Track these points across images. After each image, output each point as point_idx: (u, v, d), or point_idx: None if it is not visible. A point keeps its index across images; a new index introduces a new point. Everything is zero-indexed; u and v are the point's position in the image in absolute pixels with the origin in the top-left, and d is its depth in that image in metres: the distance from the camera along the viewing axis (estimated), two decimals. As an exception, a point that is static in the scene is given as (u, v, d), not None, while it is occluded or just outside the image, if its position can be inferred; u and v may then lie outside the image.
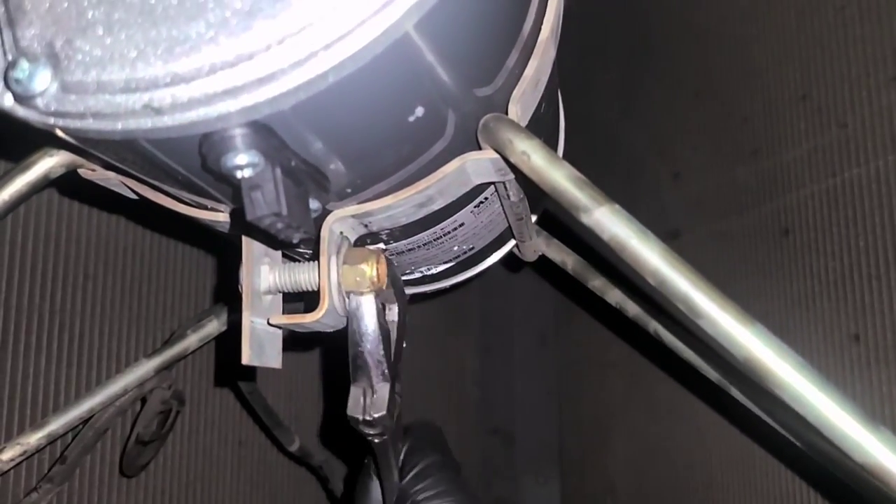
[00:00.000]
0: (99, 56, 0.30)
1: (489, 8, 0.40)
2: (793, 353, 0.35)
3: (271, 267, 0.49)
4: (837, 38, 1.09)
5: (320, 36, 0.30)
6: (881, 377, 0.99)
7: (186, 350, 0.77)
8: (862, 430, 0.33)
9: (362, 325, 0.49)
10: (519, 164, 0.41)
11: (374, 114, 0.37)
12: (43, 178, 0.47)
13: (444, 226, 0.58)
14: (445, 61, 0.38)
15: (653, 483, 1.47)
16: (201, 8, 0.29)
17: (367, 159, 0.42)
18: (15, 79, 0.30)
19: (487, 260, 0.75)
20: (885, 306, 0.98)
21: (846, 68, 1.08)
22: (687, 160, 1.44)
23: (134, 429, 0.97)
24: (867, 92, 1.04)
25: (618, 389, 1.59)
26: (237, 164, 0.33)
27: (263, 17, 0.29)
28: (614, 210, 0.38)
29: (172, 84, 0.30)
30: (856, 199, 1.04)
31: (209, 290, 1.23)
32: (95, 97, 0.30)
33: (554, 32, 0.48)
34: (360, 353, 0.50)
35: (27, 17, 0.30)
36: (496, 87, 0.45)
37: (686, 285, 0.36)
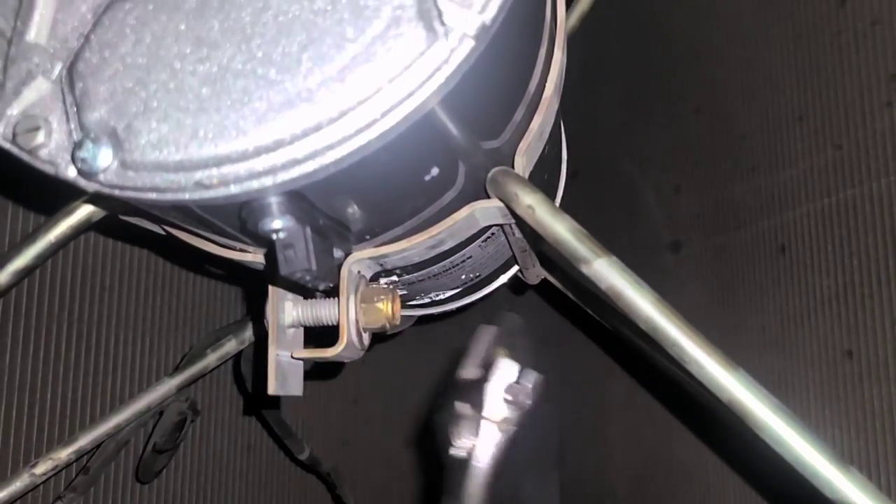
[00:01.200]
0: (156, 140, 0.34)
1: (500, 73, 0.44)
2: (771, 397, 0.38)
3: (294, 303, 0.53)
4: (833, 63, 1.12)
5: (351, 124, 0.34)
6: (873, 393, 1.02)
7: (206, 368, 0.81)
8: (833, 470, 0.37)
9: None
10: (524, 217, 0.45)
11: (395, 178, 0.41)
12: (85, 222, 0.51)
13: (454, 259, 0.62)
14: (460, 124, 0.42)
15: (651, 488, 1.49)
16: (247, 99, 0.33)
17: (385, 213, 0.46)
18: (81, 157, 0.34)
19: (493, 284, 0.79)
20: (878, 324, 1.01)
21: (841, 92, 1.10)
22: (687, 175, 1.46)
23: (151, 438, 1.01)
24: (861, 116, 1.07)
25: (617, 395, 1.61)
26: (273, 227, 0.36)
27: (301, 108, 0.33)
28: (612, 262, 0.42)
29: (220, 164, 0.33)
30: (850, 219, 1.07)
31: (221, 300, 1.26)
32: (152, 175, 0.34)
33: (557, 88, 0.52)
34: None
35: (92, 102, 0.34)
36: (503, 141, 0.49)
37: (676, 333, 0.40)
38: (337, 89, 0.34)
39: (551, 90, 0.51)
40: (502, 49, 0.40)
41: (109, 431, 0.76)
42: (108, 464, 0.90)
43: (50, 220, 0.51)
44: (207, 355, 0.81)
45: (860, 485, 0.37)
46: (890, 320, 0.99)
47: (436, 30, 0.34)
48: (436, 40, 0.34)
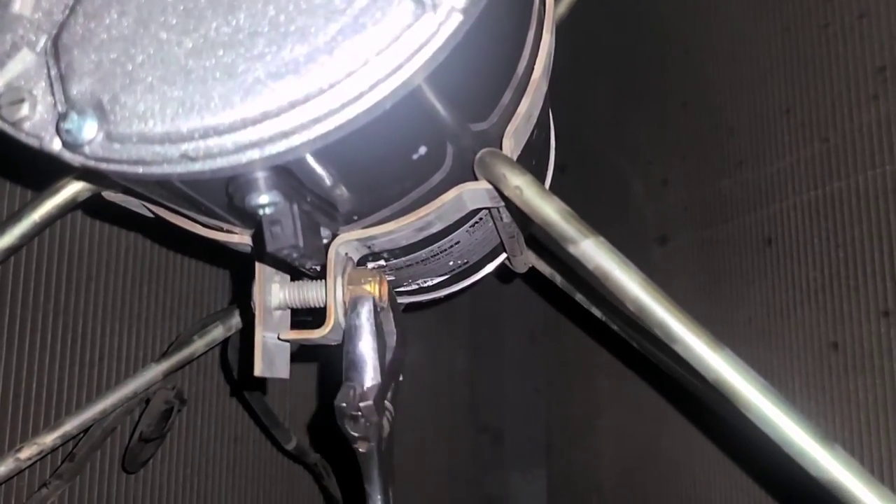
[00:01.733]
0: (141, 111, 0.33)
1: (488, 53, 0.44)
2: (757, 376, 0.38)
3: (281, 285, 0.53)
4: (821, 56, 1.12)
5: (338, 96, 0.33)
6: (857, 384, 1.02)
7: (193, 355, 0.81)
8: (818, 448, 0.37)
9: (358, 322, 0.52)
10: (512, 198, 0.45)
11: (383, 155, 0.41)
12: (71, 202, 0.50)
13: (441, 244, 0.62)
14: (448, 104, 0.42)
15: (638, 482, 1.50)
16: (233, 72, 0.33)
17: (373, 192, 0.46)
18: (65, 129, 0.34)
19: (481, 272, 0.79)
20: (863, 316, 1.02)
21: (829, 85, 1.11)
22: (675, 168, 1.47)
23: (137, 427, 1.01)
24: (848, 109, 1.08)
25: (605, 389, 1.62)
26: (260, 203, 0.36)
27: (289, 80, 0.33)
28: (599, 242, 0.42)
29: (206, 136, 0.33)
30: (836, 212, 1.08)
31: (207, 291, 1.26)
32: (137, 147, 0.34)
33: (546, 70, 0.52)
34: (353, 349, 0.53)
35: (77, 73, 0.34)
36: (491, 123, 0.49)
37: (663, 313, 0.40)
38: (324, 61, 0.34)
39: (539, 73, 0.51)
40: (490, 28, 0.40)
41: (95, 416, 0.76)
42: (95, 451, 0.90)
43: (35, 200, 0.51)
44: (194, 341, 0.81)
45: (845, 462, 0.37)
46: (875, 313, 0.99)
47: (424, 3, 0.34)
48: (424, 13, 0.34)
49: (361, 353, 0.52)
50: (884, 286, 0.99)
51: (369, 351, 0.52)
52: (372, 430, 0.54)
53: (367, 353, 0.52)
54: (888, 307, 0.98)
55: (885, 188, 0.99)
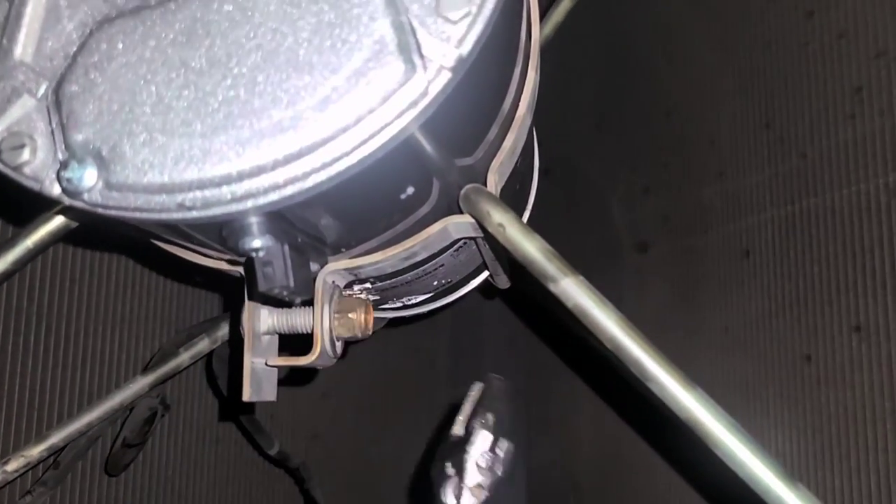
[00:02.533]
0: (140, 162, 0.34)
1: (475, 97, 0.45)
2: (727, 416, 0.40)
3: (270, 311, 0.54)
4: (800, 73, 1.14)
5: (332, 151, 0.35)
6: (829, 397, 1.05)
7: (179, 367, 0.82)
8: (782, 486, 0.39)
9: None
10: (495, 234, 0.47)
11: (372, 197, 0.42)
12: (64, 228, 0.51)
13: (427, 268, 0.63)
14: (436, 144, 0.44)
15: (615, 484, 1.52)
16: (230, 126, 0.34)
17: (361, 228, 0.47)
18: (66, 177, 0.35)
19: (464, 289, 0.80)
20: (835, 330, 1.04)
21: (807, 102, 1.13)
22: (657, 177, 1.48)
23: (121, 433, 1.01)
24: (826, 126, 1.10)
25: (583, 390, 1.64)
26: (253, 247, 0.38)
27: (284, 136, 0.34)
28: (579, 282, 0.44)
29: (203, 188, 0.35)
30: (812, 227, 1.10)
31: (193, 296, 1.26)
32: (136, 196, 0.35)
33: (531, 106, 0.53)
34: None
35: (77, 123, 0.35)
36: (477, 158, 0.51)
37: (638, 352, 0.42)
38: (318, 119, 0.35)
39: (524, 109, 0.52)
40: (478, 75, 0.41)
41: (82, 429, 0.77)
42: (79, 459, 0.91)
43: (29, 227, 0.52)
44: (180, 354, 0.82)
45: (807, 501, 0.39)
46: (847, 327, 1.02)
47: (414, 62, 0.35)
48: (414, 73, 0.35)
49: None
50: (856, 302, 1.01)
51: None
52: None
53: None
54: (860, 322, 1.01)
55: (859, 207, 1.01)
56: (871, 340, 0.99)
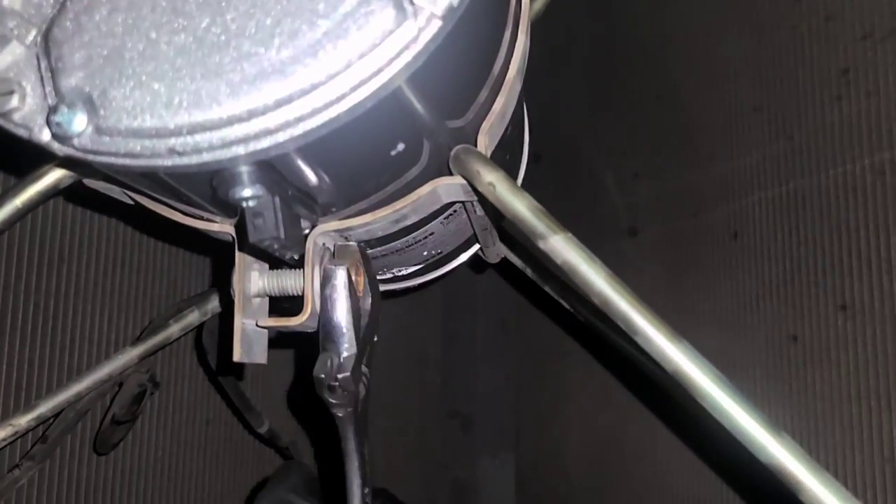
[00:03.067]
0: (131, 106, 0.35)
1: (466, 54, 0.46)
2: (713, 367, 0.41)
3: (260, 273, 0.55)
4: (789, 56, 1.15)
5: (322, 96, 0.35)
6: (815, 376, 1.06)
7: (168, 339, 0.82)
8: (767, 436, 0.40)
9: (334, 294, 0.53)
10: (486, 193, 0.47)
11: (363, 151, 0.42)
12: (53, 188, 0.51)
13: (416, 235, 0.64)
14: (426, 102, 0.44)
15: (604, 469, 1.53)
16: (221, 70, 0.34)
17: (352, 185, 0.47)
18: (55, 122, 0.35)
19: (454, 262, 0.81)
20: (822, 311, 1.05)
21: (796, 84, 1.13)
22: (647, 161, 1.49)
23: (110, 410, 1.01)
24: (813, 108, 1.11)
25: (574, 378, 1.64)
26: (243, 196, 0.38)
27: (274, 80, 0.34)
28: (567, 238, 0.44)
29: (194, 132, 0.35)
30: (799, 209, 1.10)
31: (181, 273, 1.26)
32: (126, 140, 0.35)
33: (520, 70, 0.53)
34: (329, 319, 0.54)
35: (67, 68, 0.35)
36: (467, 120, 0.51)
37: (626, 306, 0.43)
38: (309, 63, 0.35)
39: (514, 72, 0.52)
40: (468, 31, 0.42)
41: (70, 399, 0.77)
42: (67, 433, 0.91)
43: (17, 185, 0.51)
44: (170, 326, 0.82)
45: (791, 449, 0.40)
46: (833, 307, 1.03)
47: (405, 9, 0.36)
48: (405, 19, 0.36)
49: (338, 322, 0.53)
50: (842, 281, 1.02)
51: (345, 321, 0.53)
52: (349, 396, 0.55)
53: (343, 324, 0.53)
54: (845, 301, 1.01)
55: (845, 187, 1.02)
56: (857, 319, 1.00)
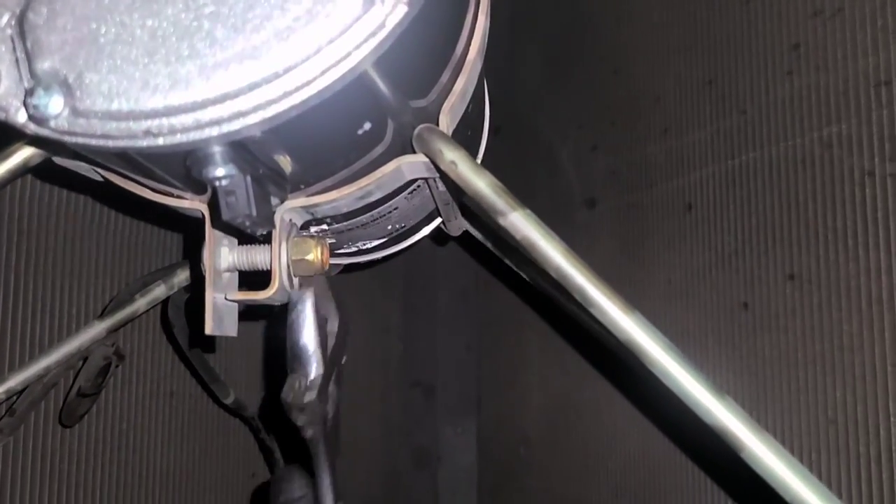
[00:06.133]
0: (106, 89, 0.36)
1: (430, 37, 0.47)
2: (662, 337, 0.44)
3: (230, 248, 0.56)
4: (742, 31, 1.17)
5: (292, 80, 0.37)
6: (765, 341, 1.10)
7: (136, 313, 0.83)
8: (711, 399, 0.43)
9: (300, 318, 0.55)
10: (447, 171, 0.49)
11: (331, 131, 0.44)
12: (22, 166, 0.52)
13: (381, 210, 0.65)
14: (391, 84, 0.46)
15: (563, 433, 1.57)
16: (195, 54, 0.36)
17: (319, 164, 0.49)
18: (32, 104, 0.36)
19: (417, 235, 0.83)
20: (771, 279, 1.09)
21: (748, 59, 1.16)
22: (604, 134, 1.52)
23: (75, 382, 1.02)
24: (765, 83, 1.13)
25: (533, 345, 1.68)
26: (216, 175, 0.39)
27: (247, 64, 0.36)
28: (526, 215, 0.46)
29: (169, 115, 0.36)
30: (750, 181, 1.14)
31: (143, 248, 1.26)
32: (102, 122, 0.36)
33: (481, 50, 0.55)
34: (296, 342, 0.55)
35: (42, 51, 0.36)
36: (430, 100, 0.53)
37: (582, 280, 0.45)
38: (280, 48, 0.37)
39: (475, 53, 0.54)
40: (432, 14, 0.43)
41: (39, 373, 0.77)
42: (35, 405, 0.91)
43: (-14, 164, 0.52)
44: (136, 300, 0.83)
45: (733, 411, 0.43)
46: (782, 275, 1.07)
47: (372, -4, 0.37)
48: (372, 5, 0.37)
49: (304, 345, 0.55)
50: (791, 251, 1.05)
51: (312, 344, 0.55)
52: (318, 417, 0.57)
53: (311, 346, 0.55)
54: (794, 271, 1.05)
55: (794, 160, 1.06)
56: (804, 288, 1.03)
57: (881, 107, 0.95)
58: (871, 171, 0.97)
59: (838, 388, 0.98)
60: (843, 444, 0.97)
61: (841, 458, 0.97)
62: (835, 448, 0.98)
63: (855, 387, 0.95)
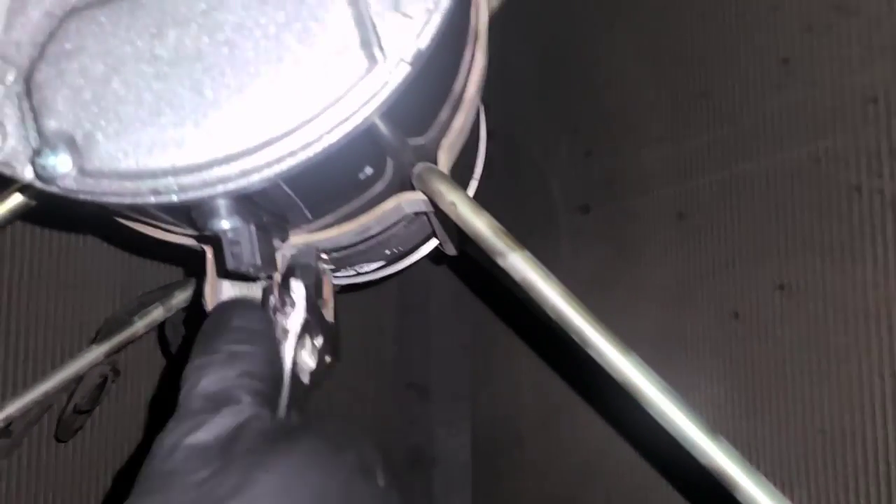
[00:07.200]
0: (114, 151, 0.36)
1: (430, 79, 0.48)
2: (659, 379, 0.45)
3: (232, 284, 0.57)
4: (736, 43, 1.18)
5: (298, 140, 0.37)
6: (755, 351, 1.11)
7: (134, 335, 0.83)
8: (706, 440, 0.44)
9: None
10: (447, 212, 0.50)
11: (334, 178, 0.45)
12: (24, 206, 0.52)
13: (380, 238, 0.66)
14: (392, 127, 0.46)
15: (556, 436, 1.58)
16: (201, 116, 0.36)
17: (321, 206, 0.49)
18: (40, 164, 0.36)
19: (414, 256, 0.83)
20: (760, 290, 1.10)
21: (742, 72, 1.17)
22: (598, 140, 1.52)
23: (71, 399, 1.02)
24: (757, 96, 1.15)
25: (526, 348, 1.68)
26: (221, 227, 0.40)
27: (252, 127, 0.36)
28: (525, 256, 0.47)
29: (176, 174, 0.37)
30: (743, 192, 1.15)
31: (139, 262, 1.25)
32: (110, 182, 0.37)
33: (479, 87, 0.56)
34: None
35: (50, 111, 0.37)
36: (429, 138, 0.53)
37: (580, 321, 0.46)
38: (285, 109, 0.37)
39: (473, 90, 0.55)
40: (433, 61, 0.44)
41: (37, 399, 0.78)
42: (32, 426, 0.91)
43: (-13, 205, 0.52)
44: (135, 322, 0.83)
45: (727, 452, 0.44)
46: (772, 286, 1.08)
47: (375, 56, 0.38)
48: (375, 66, 0.38)
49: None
50: (781, 262, 1.07)
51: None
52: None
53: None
54: (783, 281, 1.06)
55: (784, 173, 1.07)
56: (795, 298, 1.05)
57: (869, 123, 0.96)
58: (858, 185, 0.98)
59: (829, 398, 0.99)
60: (833, 455, 0.98)
61: (831, 469, 0.98)
62: (825, 459, 0.99)
63: (846, 397, 0.96)
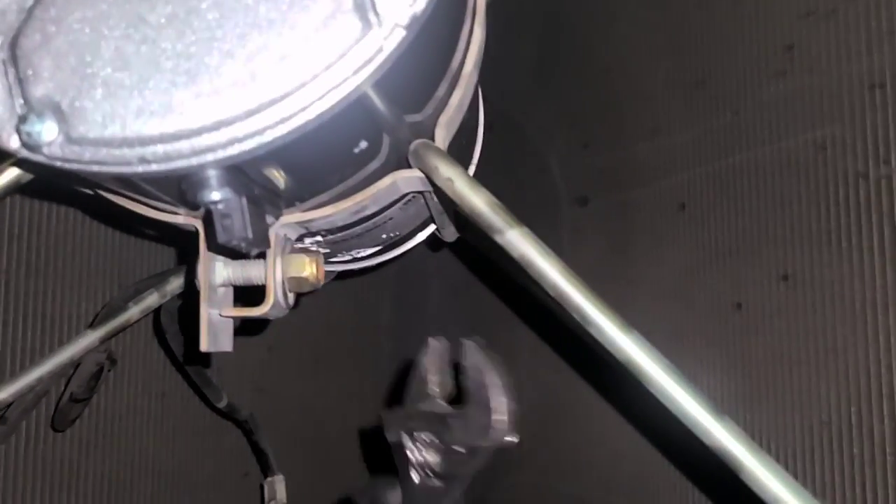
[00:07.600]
0: (101, 117, 0.35)
1: (426, 52, 0.47)
2: (661, 356, 0.44)
3: (225, 263, 0.56)
4: (734, 31, 1.17)
5: (290, 106, 0.36)
6: (758, 342, 1.10)
7: (129, 321, 0.82)
8: (710, 419, 0.43)
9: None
10: (444, 188, 0.49)
11: (327, 151, 0.44)
12: (14, 184, 0.51)
13: (376, 221, 0.65)
14: (388, 101, 0.45)
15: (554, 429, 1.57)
16: (191, 82, 0.35)
17: (316, 182, 0.48)
18: (26, 131, 0.35)
19: (411, 242, 0.82)
20: (763, 279, 1.09)
21: (740, 60, 1.16)
22: (595, 132, 1.51)
23: (67, 388, 1.01)
24: (757, 84, 1.14)
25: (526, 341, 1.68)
26: (212, 199, 0.39)
27: (243, 91, 0.35)
28: (524, 233, 0.46)
29: (164, 141, 0.36)
30: (742, 181, 1.14)
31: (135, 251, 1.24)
32: (97, 149, 0.36)
33: (477, 63, 0.55)
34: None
35: (36, 78, 0.35)
36: (426, 115, 0.52)
37: (580, 298, 0.45)
38: (276, 74, 0.36)
39: (471, 66, 0.54)
40: (430, 32, 0.43)
41: (32, 384, 0.77)
42: (27, 414, 0.91)
43: (-24, 182, 0.51)
44: (129, 308, 0.82)
45: (732, 431, 0.43)
46: (774, 276, 1.07)
47: (370, 20, 0.37)
48: (369, 30, 0.37)
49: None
50: (783, 252, 1.06)
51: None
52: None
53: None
54: (786, 271, 1.05)
55: (787, 161, 1.06)
56: (797, 289, 1.04)
57: (874, 109, 0.95)
58: (864, 173, 0.97)
59: (832, 389, 0.98)
60: (836, 446, 0.97)
61: (834, 460, 0.97)
62: (828, 449, 0.98)
63: (848, 388, 0.95)
